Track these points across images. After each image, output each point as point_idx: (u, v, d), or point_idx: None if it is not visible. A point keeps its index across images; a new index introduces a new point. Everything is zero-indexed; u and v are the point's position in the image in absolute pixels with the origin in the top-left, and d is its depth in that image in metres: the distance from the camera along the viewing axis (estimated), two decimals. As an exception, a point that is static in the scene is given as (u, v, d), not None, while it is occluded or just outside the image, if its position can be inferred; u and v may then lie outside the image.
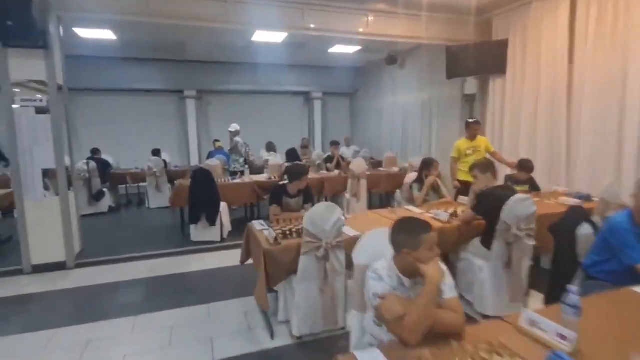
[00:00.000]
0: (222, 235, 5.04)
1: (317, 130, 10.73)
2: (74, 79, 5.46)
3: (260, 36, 5.96)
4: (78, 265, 4.31)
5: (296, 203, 3.63)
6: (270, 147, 7.78)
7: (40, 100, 4.06)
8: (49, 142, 4.10)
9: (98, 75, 8.30)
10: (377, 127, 9.53)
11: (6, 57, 3.87)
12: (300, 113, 10.79)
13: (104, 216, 6.90)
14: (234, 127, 7.09)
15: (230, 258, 4.23)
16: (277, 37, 5.97)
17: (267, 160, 7.18)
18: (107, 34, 6.32)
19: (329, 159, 7.15)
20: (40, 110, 4.04)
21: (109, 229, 6.12)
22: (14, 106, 3.96)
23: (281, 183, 3.70)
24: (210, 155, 7.47)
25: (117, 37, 6.53)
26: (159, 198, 7.26)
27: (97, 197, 6.78)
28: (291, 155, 7.01)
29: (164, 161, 7.42)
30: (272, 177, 5.99)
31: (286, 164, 6.28)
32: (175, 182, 6.53)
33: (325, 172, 6.82)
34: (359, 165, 5.95)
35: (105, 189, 7.05)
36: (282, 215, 3.41)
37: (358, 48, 7.42)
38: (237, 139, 7.00)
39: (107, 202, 7.05)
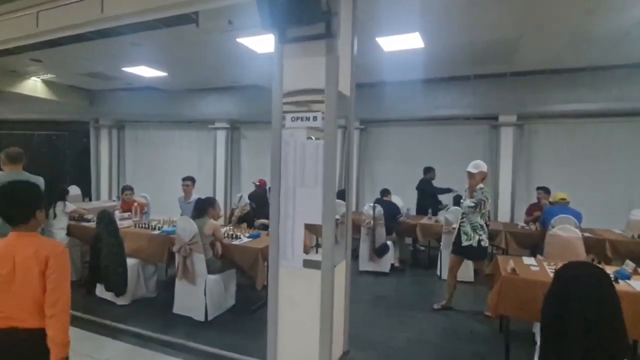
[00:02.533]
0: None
1: None
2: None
3: None
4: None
5: None
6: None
7: (314, 118, 2.64)
8: (318, 184, 2.61)
9: (395, 102, 7.15)
10: None
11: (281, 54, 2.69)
12: None
13: (385, 278, 5.29)
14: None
15: None
16: None
17: None
18: (414, 41, 4.78)
19: None
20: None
21: (392, 303, 4.36)
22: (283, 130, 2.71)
23: None
24: (551, 215, 4.61)
25: (424, 45, 4.90)
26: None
27: (379, 251, 5.27)
28: None
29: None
30: None
31: None
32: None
33: None
34: None
35: (390, 242, 5.49)
36: None
37: None
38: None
39: (389, 258, 5.45)
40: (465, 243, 3.92)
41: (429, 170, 6.57)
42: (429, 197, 6.37)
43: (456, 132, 7.31)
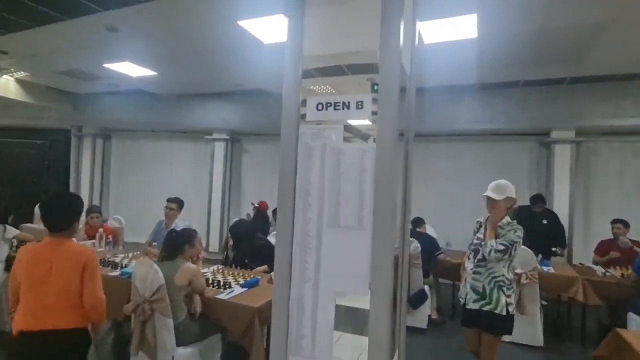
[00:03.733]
0: None
1: None
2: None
3: None
4: None
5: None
6: None
7: (359, 106, 1.49)
8: (365, 223, 1.46)
9: (422, 113, 6.02)
10: None
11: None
12: None
13: (422, 337, 4.03)
14: None
15: None
16: None
17: None
18: (466, 28, 3.69)
19: None
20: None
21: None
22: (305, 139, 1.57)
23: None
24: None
25: (477, 34, 3.81)
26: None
27: (415, 301, 4.03)
28: None
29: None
30: None
31: None
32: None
33: None
34: None
35: (426, 286, 4.25)
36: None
37: None
38: None
39: (426, 310, 4.20)
40: (479, 306, 2.53)
41: (538, 200, 5.05)
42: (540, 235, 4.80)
43: (497, 149, 6.14)
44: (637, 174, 5.44)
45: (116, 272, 3.14)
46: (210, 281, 2.92)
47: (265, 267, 3.44)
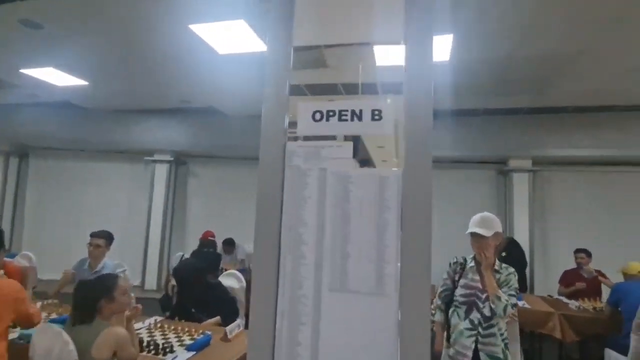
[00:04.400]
0: None
1: None
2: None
3: None
4: None
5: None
6: None
7: (375, 116, 1.06)
8: (388, 287, 1.00)
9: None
10: None
11: None
12: None
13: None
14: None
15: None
16: None
17: None
18: (440, 50, 3.49)
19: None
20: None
21: None
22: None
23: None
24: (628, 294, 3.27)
25: (449, 57, 3.64)
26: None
27: None
28: None
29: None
30: None
31: None
32: None
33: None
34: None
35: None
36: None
37: None
38: None
39: None
40: None
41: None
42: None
43: (457, 177, 6.06)
44: (589, 202, 5.59)
45: (13, 334, 2.33)
46: (145, 343, 2.24)
47: (217, 318, 2.80)
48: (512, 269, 2.17)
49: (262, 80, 1.15)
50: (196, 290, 2.90)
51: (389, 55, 1.12)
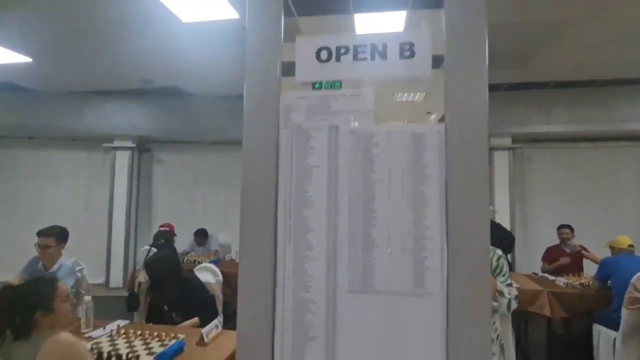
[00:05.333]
0: None
1: None
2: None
3: None
4: None
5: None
6: None
7: (407, 52, 0.78)
8: (432, 286, 0.74)
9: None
10: None
11: None
12: None
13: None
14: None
15: None
16: None
17: None
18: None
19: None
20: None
21: None
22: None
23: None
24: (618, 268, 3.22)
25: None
26: None
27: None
28: None
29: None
30: None
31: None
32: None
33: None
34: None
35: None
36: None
37: None
38: None
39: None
40: None
41: None
42: None
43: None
44: (569, 179, 5.61)
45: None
46: (106, 355, 1.90)
47: (195, 320, 2.47)
48: (499, 251, 1.88)
49: (233, 54, 0.84)
50: (170, 288, 2.56)
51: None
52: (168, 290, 2.55)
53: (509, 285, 1.76)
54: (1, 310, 1.48)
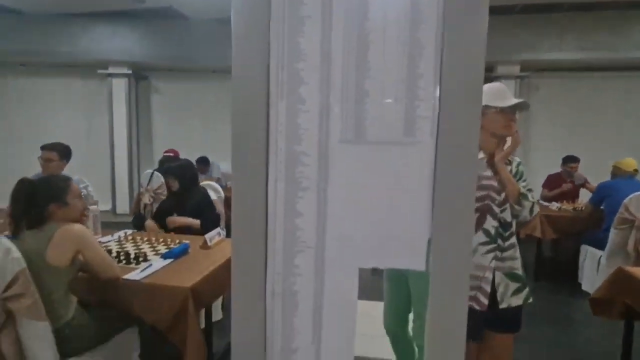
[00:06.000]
0: None
1: None
2: None
3: None
4: None
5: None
6: None
7: None
8: (422, 132, 0.74)
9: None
10: None
11: None
12: None
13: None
14: None
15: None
16: None
17: None
18: None
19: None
20: None
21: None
22: None
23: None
24: (616, 191, 3.27)
25: None
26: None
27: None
28: None
29: None
30: None
31: None
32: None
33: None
34: None
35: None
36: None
37: None
38: None
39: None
40: (522, 301, 1.60)
41: None
42: None
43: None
44: (574, 109, 5.51)
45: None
46: (115, 254, 2.01)
47: (197, 222, 2.60)
48: (517, 159, 1.73)
49: None
50: (191, 196, 2.68)
51: None
52: (189, 198, 2.67)
53: (530, 191, 1.68)
54: (18, 200, 1.55)
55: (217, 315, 2.55)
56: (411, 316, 1.84)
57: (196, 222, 2.59)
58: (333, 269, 0.78)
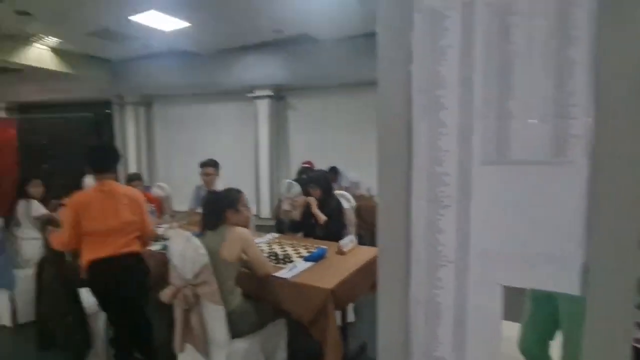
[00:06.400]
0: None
1: None
2: None
3: None
4: None
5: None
6: None
7: None
8: (573, 153, 0.73)
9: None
10: None
11: None
12: None
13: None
14: None
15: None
16: None
17: None
18: None
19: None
20: None
21: None
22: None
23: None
24: None
25: None
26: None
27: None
28: None
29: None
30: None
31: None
32: None
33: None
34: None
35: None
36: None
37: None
38: None
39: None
40: None
41: None
42: None
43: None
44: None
45: (157, 246, 2.67)
46: (266, 254, 2.35)
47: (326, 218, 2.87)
48: None
49: None
50: (330, 202, 2.99)
51: None
52: (326, 205, 2.96)
53: None
54: (206, 206, 2.01)
55: (350, 317, 2.72)
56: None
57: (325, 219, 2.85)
58: (476, 284, 0.81)
